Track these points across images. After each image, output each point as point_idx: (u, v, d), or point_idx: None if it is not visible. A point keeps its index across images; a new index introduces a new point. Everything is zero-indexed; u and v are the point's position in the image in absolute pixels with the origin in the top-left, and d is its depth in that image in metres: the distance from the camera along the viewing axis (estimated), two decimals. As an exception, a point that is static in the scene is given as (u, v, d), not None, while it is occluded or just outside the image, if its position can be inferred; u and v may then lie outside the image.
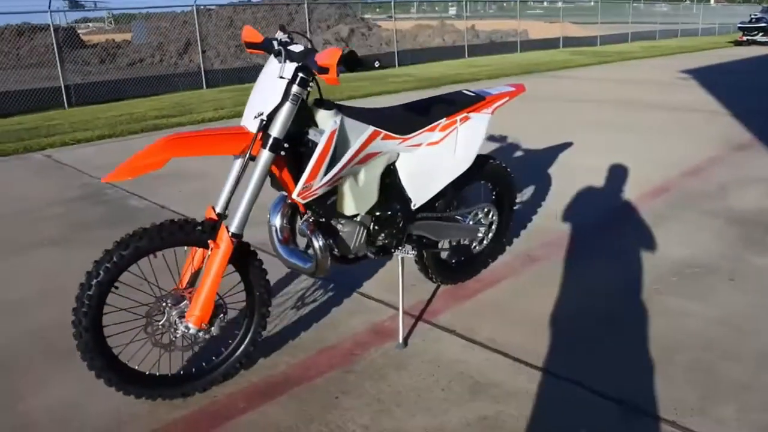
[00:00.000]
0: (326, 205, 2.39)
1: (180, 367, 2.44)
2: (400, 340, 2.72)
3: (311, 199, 2.28)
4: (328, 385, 2.46)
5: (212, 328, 2.30)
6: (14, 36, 18.93)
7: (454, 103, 2.75)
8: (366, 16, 28.00)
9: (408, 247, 2.76)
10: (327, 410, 2.31)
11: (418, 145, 2.63)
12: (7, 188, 5.72)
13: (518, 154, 6.20)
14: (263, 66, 2.30)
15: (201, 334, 2.29)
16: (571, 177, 5.25)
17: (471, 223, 3.09)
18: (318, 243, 2.36)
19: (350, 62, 2.06)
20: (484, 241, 3.23)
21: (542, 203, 4.59)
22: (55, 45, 11.20)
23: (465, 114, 2.75)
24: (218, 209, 2.26)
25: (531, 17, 29.28)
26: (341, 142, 2.30)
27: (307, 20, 16.40)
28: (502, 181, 3.20)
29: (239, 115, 9.65)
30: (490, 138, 6.80)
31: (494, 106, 2.88)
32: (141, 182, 5.38)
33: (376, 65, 2.91)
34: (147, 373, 2.33)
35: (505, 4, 31.35)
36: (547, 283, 3.28)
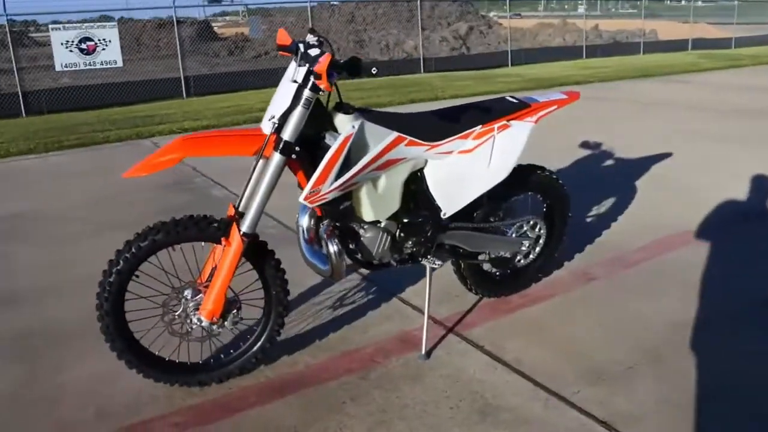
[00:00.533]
0: (339, 210, 2.37)
1: (199, 357, 2.52)
2: (423, 351, 2.65)
3: (321, 203, 2.27)
4: (339, 390, 2.45)
5: (225, 323, 2.37)
6: (155, 29, 20.51)
7: (492, 110, 2.63)
8: (491, 13, 27.63)
9: (435, 257, 2.68)
10: (330, 415, 2.30)
11: (449, 152, 2.54)
12: (112, 172, 6.21)
13: (608, 162, 5.85)
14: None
15: (214, 327, 2.36)
16: (659, 191, 4.88)
17: (514, 235, 2.95)
18: (333, 248, 2.35)
19: (351, 68, 2.03)
20: (530, 255, 3.07)
21: (618, 217, 4.30)
22: (177, 38, 12.02)
23: (504, 122, 2.62)
24: (240, 208, 2.32)
25: (664, 17, 27.57)
26: (359, 147, 2.27)
27: (419, 18, 16.44)
28: (553, 192, 3.03)
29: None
30: (583, 144, 6.48)
31: (539, 115, 2.72)
32: (227, 172, 5.66)
33: (374, 71, 2.85)
34: (167, 359, 2.44)
35: (639, 2, 29.72)
36: (598, 305, 3.07)
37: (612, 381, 2.44)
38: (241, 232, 2.24)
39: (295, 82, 2.15)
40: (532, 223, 2.98)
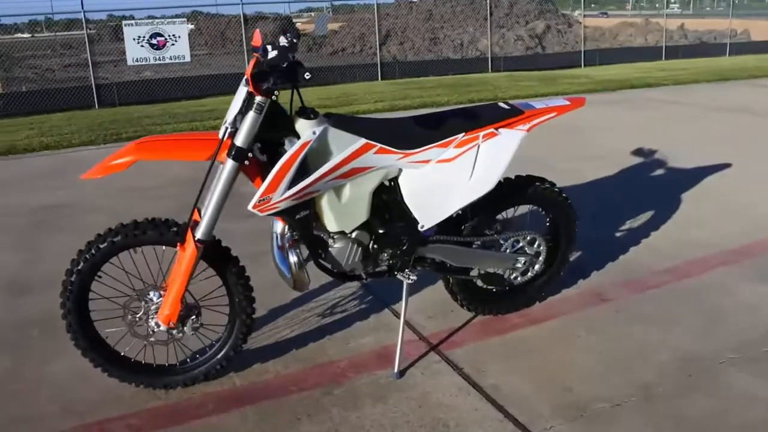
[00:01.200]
0: (294, 220, 2.26)
1: (164, 360, 2.49)
2: (395, 370, 2.52)
3: (272, 212, 2.18)
4: (298, 404, 2.36)
5: (184, 328, 2.33)
6: (238, 25, 21.15)
7: (479, 117, 2.46)
8: (576, 12, 26.85)
9: (414, 271, 2.54)
10: (281, 430, 2.22)
11: (426, 161, 2.39)
12: (154, 164, 6.35)
13: (657, 171, 5.46)
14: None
15: (174, 332, 2.33)
16: (705, 205, 4.48)
17: (509, 251, 2.76)
18: (292, 258, 2.27)
19: (286, 75, 1.95)
20: (529, 273, 2.87)
21: (651, 233, 3.98)
22: (243, 33, 12.26)
23: (492, 130, 2.44)
24: (202, 213, 2.27)
25: (761, 16, 25.83)
26: (320, 154, 2.16)
27: (488, 15, 16.11)
28: (555, 207, 2.81)
29: (396, 108, 9.79)
30: (635, 151, 6.08)
31: (532, 123, 2.51)
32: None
33: (307, 77, 2.71)
34: (132, 359, 2.43)
35: (736, 1, 28.01)
36: (602, 331, 2.83)
37: (592, 419, 2.23)
38: (196, 239, 2.19)
39: (246, 86, 2.08)
40: (529, 238, 2.78)
